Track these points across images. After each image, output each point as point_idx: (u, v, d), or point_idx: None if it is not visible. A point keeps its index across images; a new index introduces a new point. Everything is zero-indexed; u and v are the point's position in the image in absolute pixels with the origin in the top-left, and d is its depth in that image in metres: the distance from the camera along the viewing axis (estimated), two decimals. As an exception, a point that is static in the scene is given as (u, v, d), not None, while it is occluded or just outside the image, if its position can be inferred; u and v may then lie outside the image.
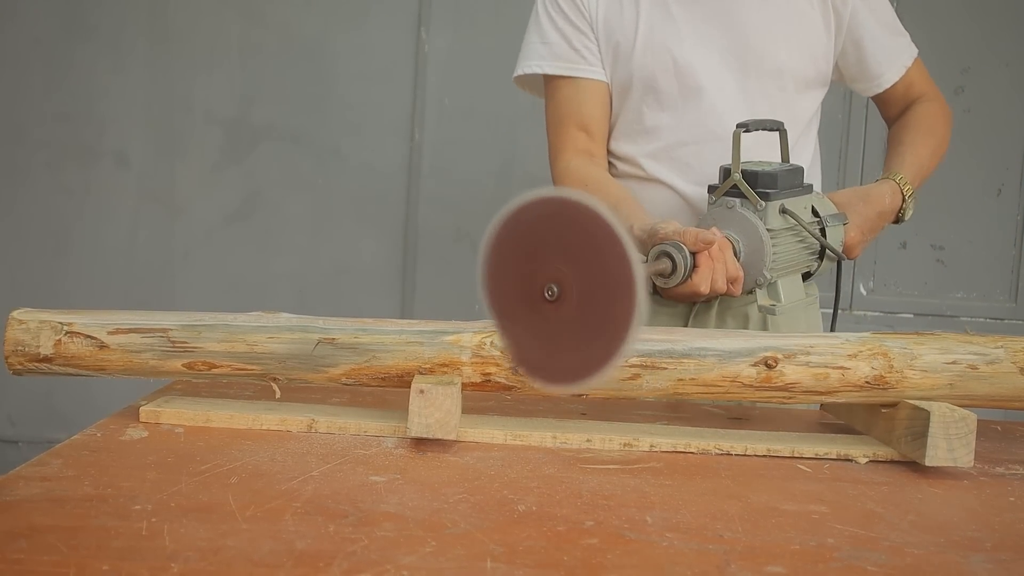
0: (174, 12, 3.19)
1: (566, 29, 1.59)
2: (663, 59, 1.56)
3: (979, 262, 3.25)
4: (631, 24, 1.57)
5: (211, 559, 0.74)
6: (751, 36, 1.57)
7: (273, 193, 3.22)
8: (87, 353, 1.12)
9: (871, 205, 1.54)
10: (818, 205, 1.46)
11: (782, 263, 1.39)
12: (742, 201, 1.37)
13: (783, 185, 1.39)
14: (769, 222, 1.36)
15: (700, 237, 1.28)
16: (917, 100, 1.75)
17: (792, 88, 1.60)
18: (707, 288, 1.29)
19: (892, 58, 1.69)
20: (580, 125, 1.61)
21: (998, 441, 1.25)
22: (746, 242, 1.36)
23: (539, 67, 1.62)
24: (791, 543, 0.84)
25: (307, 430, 1.12)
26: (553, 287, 0.97)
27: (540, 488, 0.96)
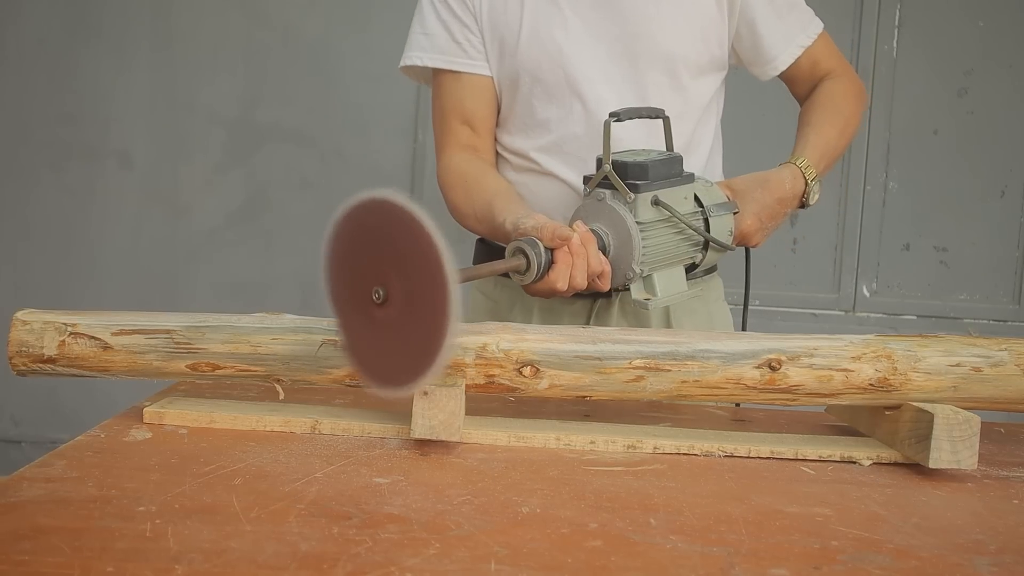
0: (178, 13, 3.19)
1: (449, 21, 1.56)
2: (549, 51, 1.52)
3: (982, 264, 3.25)
4: (515, 15, 1.53)
5: (215, 561, 0.74)
6: (639, 23, 1.52)
7: (277, 193, 3.23)
8: (91, 354, 1.12)
9: (770, 191, 1.48)
10: (702, 194, 1.40)
11: (656, 256, 1.34)
12: (612, 193, 1.32)
13: (655, 175, 1.33)
14: (640, 214, 1.31)
15: (556, 233, 1.23)
16: (824, 78, 1.67)
17: (685, 75, 1.55)
18: (564, 285, 1.24)
19: (788, 38, 1.62)
20: (463, 119, 1.58)
21: (1002, 443, 1.25)
22: (615, 235, 1.31)
23: (420, 59, 1.59)
24: (795, 545, 0.84)
25: (311, 431, 1.12)
26: (379, 290, 0.98)
27: (544, 490, 0.96)
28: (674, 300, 1.38)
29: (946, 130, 3.22)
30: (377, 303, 0.99)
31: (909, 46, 3.19)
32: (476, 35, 1.56)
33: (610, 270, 1.30)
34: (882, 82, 3.20)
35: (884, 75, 3.20)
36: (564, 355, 1.12)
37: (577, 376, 1.13)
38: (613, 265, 1.31)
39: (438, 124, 1.61)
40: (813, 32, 1.64)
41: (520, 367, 1.12)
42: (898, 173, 3.24)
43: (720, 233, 1.40)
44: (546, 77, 1.53)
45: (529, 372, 1.12)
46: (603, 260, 1.29)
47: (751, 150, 2.09)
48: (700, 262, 1.42)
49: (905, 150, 3.23)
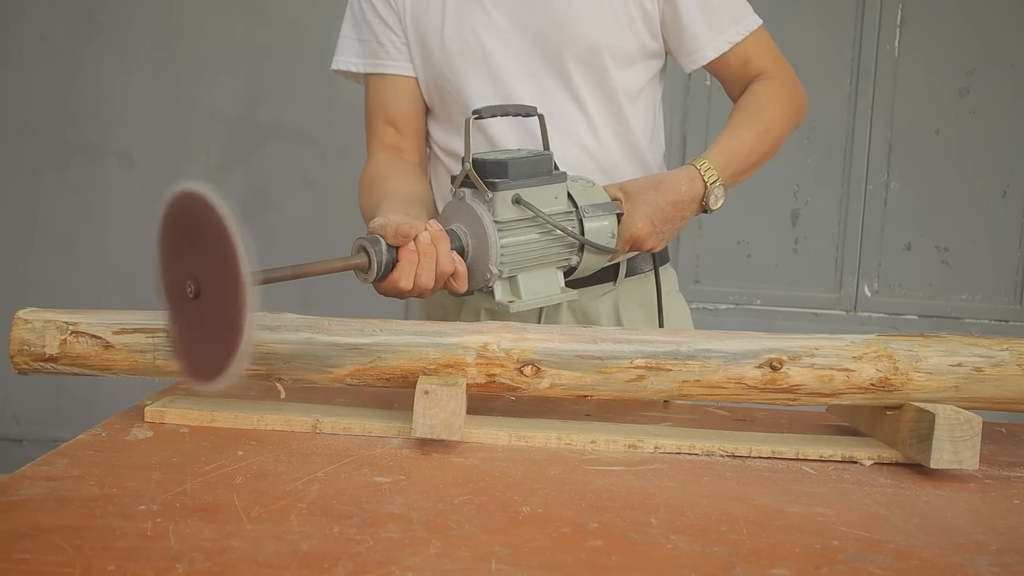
0: (180, 12, 3.19)
1: (374, 22, 1.56)
2: (473, 48, 1.51)
3: (984, 264, 3.25)
4: (438, 14, 1.52)
5: (216, 560, 0.74)
6: (561, 15, 1.49)
7: (278, 192, 3.23)
8: (92, 353, 1.12)
9: (663, 194, 1.41)
10: (578, 194, 1.35)
11: (519, 257, 1.29)
12: (472, 192, 1.29)
13: (517, 174, 1.29)
14: (499, 213, 1.27)
15: (399, 231, 1.19)
16: (755, 79, 1.59)
17: (612, 65, 1.51)
18: (409, 284, 1.21)
19: (715, 31, 1.54)
20: (387, 120, 1.57)
21: (1003, 443, 1.25)
22: (473, 235, 1.28)
23: (345, 63, 1.60)
24: (795, 545, 0.84)
25: (312, 430, 1.12)
26: (191, 284, 0.98)
27: (545, 489, 0.96)
28: (542, 303, 1.33)
29: (948, 130, 3.22)
30: (190, 297, 0.99)
31: (911, 46, 3.19)
32: (399, 35, 1.55)
33: (464, 270, 1.27)
34: (884, 82, 3.20)
35: (886, 75, 3.19)
36: (565, 354, 1.12)
37: (578, 376, 1.13)
38: (471, 266, 1.28)
39: (367, 125, 1.61)
40: (746, 28, 1.56)
41: (521, 366, 1.12)
42: (900, 173, 3.24)
43: (598, 235, 1.35)
44: (471, 75, 1.51)
45: (530, 371, 1.12)
46: (456, 260, 1.25)
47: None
48: (577, 265, 1.37)
49: (907, 150, 3.23)
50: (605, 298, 1.57)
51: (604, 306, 1.58)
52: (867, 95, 3.20)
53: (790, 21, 3.18)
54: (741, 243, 3.25)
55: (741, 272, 3.26)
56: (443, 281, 1.25)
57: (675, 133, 3.19)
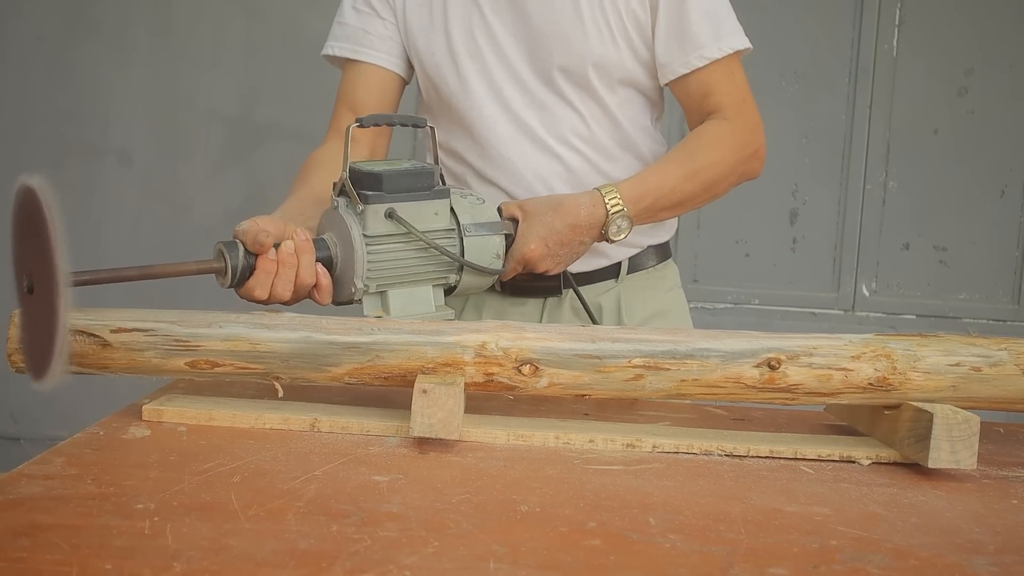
0: (178, 10, 3.19)
1: (363, 11, 1.57)
2: (470, 52, 1.51)
3: (982, 264, 3.25)
4: (440, 14, 1.53)
5: (214, 558, 0.74)
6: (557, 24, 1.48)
7: (276, 191, 3.22)
8: (90, 351, 1.12)
9: (561, 216, 1.38)
10: (463, 211, 1.32)
11: (389, 273, 1.27)
12: (346, 202, 1.26)
13: (392, 187, 1.25)
14: (370, 227, 1.24)
15: (257, 239, 1.17)
16: (710, 115, 1.52)
17: (605, 77, 1.50)
18: (264, 294, 1.19)
19: (687, 47, 1.48)
20: (350, 106, 1.58)
21: (1001, 443, 1.25)
22: (342, 247, 1.25)
23: (331, 48, 1.62)
24: (793, 545, 0.84)
25: (310, 429, 1.12)
26: (26, 279, 0.98)
27: (543, 488, 0.96)
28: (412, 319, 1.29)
29: (946, 129, 3.22)
30: (27, 292, 1.00)
31: (909, 45, 3.19)
32: (389, 28, 1.56)
33: (328, 283, 1.24)
34: (882, 81, 3.20)
35: (884, 74, 3.20)
36: (563, 353, 1.12)
37: (576, 375, 1.13)
38: (339, 278, 1.26)
39: (334, 107, 1.62)
40: (725, 47, 1.49)
41: (519, 365, 1.12)
42: (898, 172, 3.24)
43: (480, 255, 1.32)
44: (469, 79, 1.52)
45: (528, 370, 1.12)
46: (320, 272, 1.23)
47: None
48: (456, 284, 1.34)
49: (905, 149, 3.23)
50: (608, 294, 1.58)
51: (607, 302, 1.58)
52: (865, 95, 3.21)
53: (789, 21, 3.18)
54: (739, 242, 3.25)
55: (739, 271, 3.26)
56: (304, 292, 1.23)
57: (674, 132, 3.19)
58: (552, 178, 1.52)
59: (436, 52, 1.53)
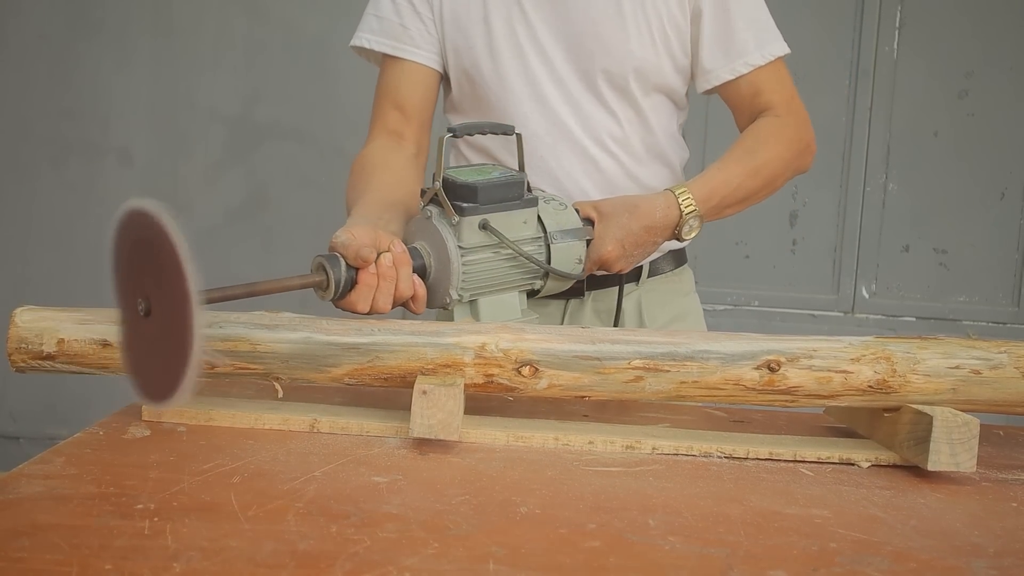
0: (179, 9, 3.19)
1: (402, 5, 1.55)
2: (511, 48, 1.51)
3: (982, 266, 3.25)
4: (478, 10, 1.52)
5: (213, 559, 0.74)
6: (598, 25, 1.49)
7: (276, 191, 3.23)
8: (90, 351, 1.12)
9: (638, 218, 1.39)
10: (549, 218, 1.33)
11: (481, 282, 1.27)
12: (440, 212, 1.26)
13: (486, 198, 1.26)
14: (464, 238, 1.24)
15: (359, 254, 1.16)
16: (762, 113, 1.57)
17: (644, 81, 1.52)
18: (366, 308, 1.19)
19: (731, 54, 1.53)
20: (395, 104, 1.57)
21: (1001, 446, 1.25)
22: (436, 257, 1.25)
23: (367, 41, 1.58)
24: (793, 547, 0.84)
25: (309, 430, 1.12)
26: (142, 302, 0.97)
27: (542, 490, 0.96)
28: None
29: (946, 132, 3.22)
30: (142, 315, 0.99)
31: (910, 48, 3.19)
32: (428, 24, 1.55)
33: (424, 293, 1.24)
34: (882, 83, 3.20)
35: (884, 76, 3.20)
36: (563, 355, 1.12)
37: (576, 376, 1.13)
38: (431, 287, 1.26)
39: (374, 106, 1.60)
40: (768, 54, 1.54)
41: (519, 367, 1.12)
42: (898, 174, 3.24)
43: (564, 261, 1.33)
44: (507, 75, 1.52)
45: (528, 372, 1.12)
46: (416, 283, 1.23)
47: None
48: (540, 289, 1.35)
49: (905, 152, 3.23)
50: (629, 298, 1.59)
51: (628, 305, 1.59)
52: (866, 97, 3.21)
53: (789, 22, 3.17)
54: (739, 244, 3.25)
55: (739, 273, 3.26)
56: (400, 303, 1.23)
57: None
58: (583, 179, 1.53)
59: (475, 47, 1.53)
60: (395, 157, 1.52)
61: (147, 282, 0.98)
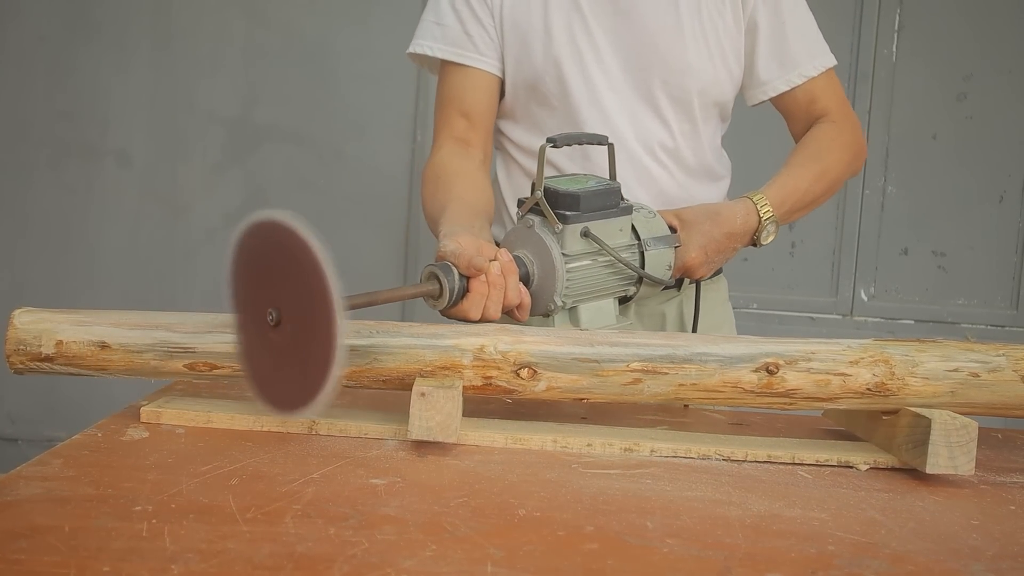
0: (178, 11, 3.19)
1: (463, 12, 1.55)
2: (572, 56, 1.52)
3: (980, 269, 3.25)
4: (539, 16, 1.53)
5: (211, 561, 0.74)
6: (657, 36, 1.51)
7: (275, 193, 3.23)
8: (88, 353, 1.12)
9: (719, 225, 1.44)
10: (641, 226, 1.35)
11: (582, 288, 1.29)
12: (542, 221, 1.28)
13: (587, 207, 1.28)
14: (567, 246, 1.26)
15: (472, 263, 1.17)
16: (819, 120, 1.62)
17: (699, 92, 1.54)
18: (478, 315, 1.20)
19: (787, 65, 1.58)
20: (462, 112, 1.57)
21: (999, 449, 1.25)
22: (540, 265, 1.27)
23: (429, 49, 1.58)
24: (791, 550, 0.84)
25: (308, 432, 1.12)
26: (272, 312, 0.97)
27: (540, 492, 0.96)
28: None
29: (945, 134, 3.22)
30: (271, 325, 0.99)
31: (908, 50, 3.19)
32: (489, 31, 1.55)
33: (529, 302, 1.26)
34: (881, 86, 3.20)
35: (883, 79, 3.20)
36: (562, 357, 1.12)
37: (575, 378, 1.13)
38: (535, 295, 1.27)
39: (438, 113, 1.60)
40: (819, 65, 1.59)
41: (518, 369, 1.12)
42: (896, 177, 3.24)
43: (656, 267, 1.36)
44: (568, 82, 1.53)
45: (527, 374, 1.12)
46: (523, 292, 1.25)
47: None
48: (633, 295, 1.38)
49: (904, 154, 3.23)
50: (671, 303, 1.62)
51: (670, 311, 1.62)
52: (864, 99, 3.21)
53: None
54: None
55: (738, 275, 3.25)
56: (507, 311, 1.25)
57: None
58: (638, 189, 1.55)
59: (534, 55, 1.54)
60: (467, 165, 1.54)
61: (279, 292, 0.98)
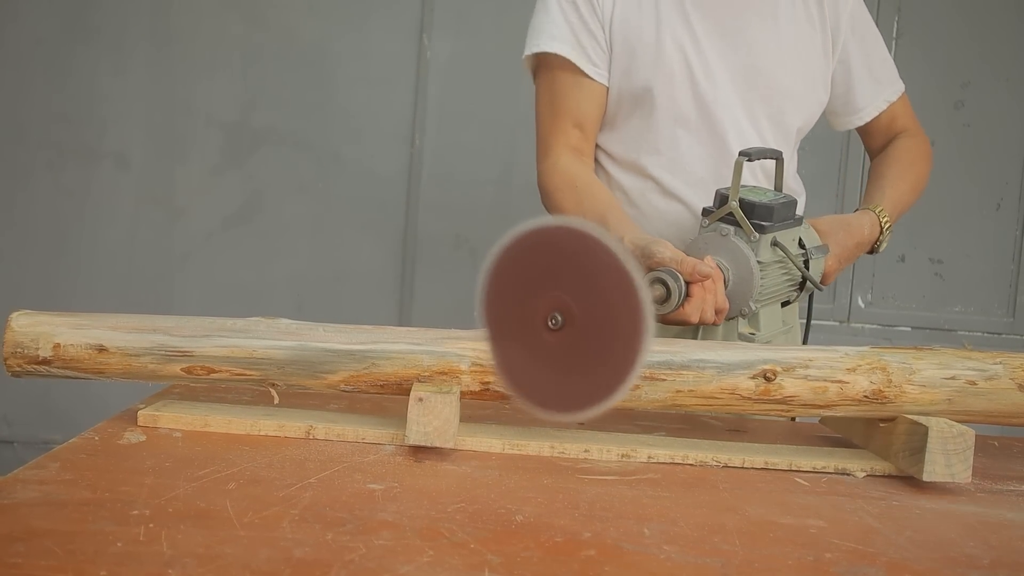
0: (176, 14, 3.19)
1: (575, 23, 1.57)
2: (683, 71, 1.55)
3: (977, 276, 3.26)
4: (651, 31, 1.55)
5: (208, 565, 0.74)
6: (761, 58, 1.57)
7: (273, 197, 3.23)
8: (86, 356, 1.12)
9: (851, 235, 1.54)
10: (804, 236, 1.46)
11: (767, 294, 1.39)
12: (736, 230, 1.36)
13: (778, 218, 1.38)
14: (760, 254, 1.36)
15: (697, 269, 1.27)
16: (899, 135, 1.75)
17: (794, 114, 1.61)
18: (697, 319, 1.29)
19: (877, 91, 1.70)
20: (577, 122, 1.58)
21: (996, 457, 1.26)
22: (735, 272, 1.35)
23: (548, 46, 1.58)
24: (788, 557, 0.84)
25: (305, 436, 1.12)
26: (557, 315, 0.97)
27: (538, 498, 0.96)
28: (772, 336, 1.42)
29: (943, 142, 3.23)
30: (553, 328, 0.99)
31: (906, 57, 3.20)
32: (601, 43, 1.57)
33: (728, 306, 1.34)
34: (879, 93, 3.20)
35: (881, 86, 3.20)
36: (560, 363, 1.12)
37: (572, 384, 1.12)
38: (729, 299, 1.34)
39: (548, 122, 1.60)
40: (899, 88, 1.72)
41: (516, 375, 1.12)
42: (894, 184, 3.24)
43: (815, 274, 1.46)
44: (677, 96, 1.56)
45: (524, 380, 1.12)
46: (726, 296, 1.33)
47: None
48: (793, 300, 1.48)
49: (901, 162, 3.23)
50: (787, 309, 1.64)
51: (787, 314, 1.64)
52: (862, 106, 3.21)
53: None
54: (735, 253, 3.25)
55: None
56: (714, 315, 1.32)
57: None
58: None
59: (644, 68, 1.55)
60: (590, 174, 1.58)
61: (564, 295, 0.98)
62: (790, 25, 1.59)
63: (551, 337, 0.98)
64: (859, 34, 1.66)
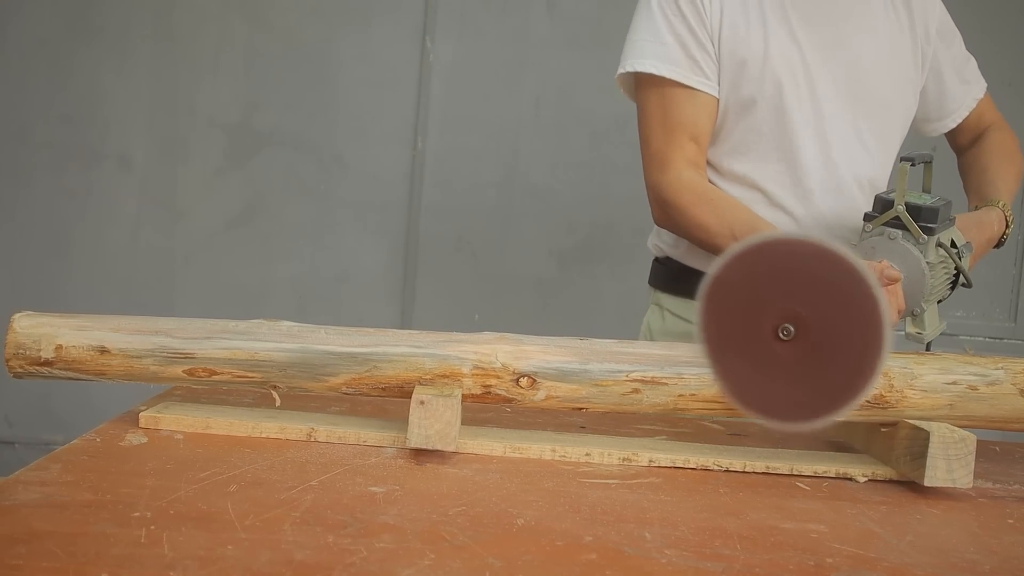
0: (179, 15, 3.19)
1: (684, 35, 1.54)
2: (791, 81, 1.54)
3: (979, 281, 3.24)
4: (759, 41, 1.54)
5: (209, 568, 0.74)
6: (861, 68, 1.57)
7: (275, 199, 3.23)
8: (88, 357, 1.12)
9: (983, 232, 1.57)
10: (955, 236, 1.48)
11: (932, 294, 1.42)
12: (904, 233, 1.38)
13: (941, 219, 1.40)
14: (927, 255, 1.38)
15: (886, 274, 1.31)
16: (988, 128, 1.79)
17: (891, 123, 1.63)
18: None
19: (966, 92, 1.74)
20: (693, 136, 1.56)
21: (997, 462, 1.25)
22: (907, 274, 1.38)
23: (655, 68, 1.54)
24: (789, 562, 0.84)
25: (307, 439, 1.12)
26: (788, 327, 0.97)
27: (539, 502, 0.96)
28: (935, 335, 1.45)
29: (945, 146, 3.22)
30: (784, 339, 0.99)
31: (909, 62, 3.19)
32: (711, 55, 1.55)
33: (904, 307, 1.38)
34: (881, 98, 3.20)
35: (884, 91, 3.20)
36: (561, 367, 1.12)
37: (574, 388, 1.13)
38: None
39: (662, 136, 1.56)
40: (984, 85, 1.77)
41: (517, 378, 1.12)
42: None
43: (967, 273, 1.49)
44: (786, 106, 1.55)
45: (526, 383, 1.12)
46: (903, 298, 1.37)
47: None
48: (946, 298, 1.51)
49: (904, 166, 3.23)
50: None
51: None
52: (865, 111, 3.21)
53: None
54: (737, 256, 3.25)
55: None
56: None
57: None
58: (848, 215, 1.59)
59: (752, 80, 1.55)
60: (716, 187, 1.57)
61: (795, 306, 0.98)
62: (887, 35, 1.60)
63: (781, 348, 0.99)
64: (947, 40, 1.69)
